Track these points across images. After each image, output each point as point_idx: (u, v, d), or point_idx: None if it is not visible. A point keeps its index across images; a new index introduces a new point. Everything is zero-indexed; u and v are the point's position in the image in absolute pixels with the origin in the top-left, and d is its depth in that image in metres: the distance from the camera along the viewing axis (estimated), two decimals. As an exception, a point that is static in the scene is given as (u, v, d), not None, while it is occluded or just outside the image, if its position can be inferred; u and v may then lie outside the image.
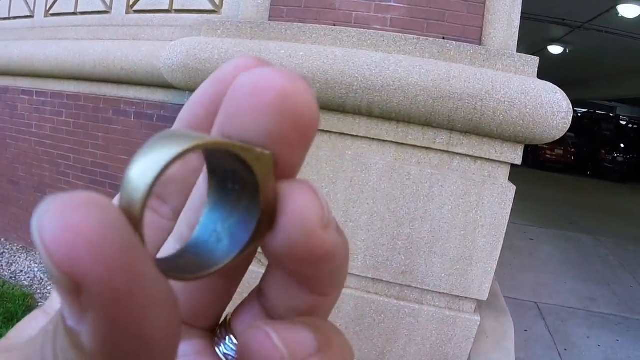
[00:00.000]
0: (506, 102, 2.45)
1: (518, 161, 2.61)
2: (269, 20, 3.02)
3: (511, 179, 2.69)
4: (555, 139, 2.58)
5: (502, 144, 2.57)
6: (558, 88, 2.56)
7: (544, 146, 16.77)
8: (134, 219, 0.15)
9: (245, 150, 0.18)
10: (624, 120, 26.86)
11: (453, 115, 2.47)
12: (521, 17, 2.86)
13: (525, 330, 3.64)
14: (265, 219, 0.18)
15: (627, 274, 5.51)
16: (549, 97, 2.49)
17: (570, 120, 2.54)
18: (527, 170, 15.62)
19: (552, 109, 2.47)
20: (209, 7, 3.38)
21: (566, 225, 7.65)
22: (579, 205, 10.07)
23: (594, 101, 22.63)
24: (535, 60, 2.65)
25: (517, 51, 2.81)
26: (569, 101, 2.54)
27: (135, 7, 3.78)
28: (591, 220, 8.31)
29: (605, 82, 17.06)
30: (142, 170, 0.17)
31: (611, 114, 25.94)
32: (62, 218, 0.13)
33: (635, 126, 26.54)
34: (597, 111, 25.77)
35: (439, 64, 2.52)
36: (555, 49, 13.50)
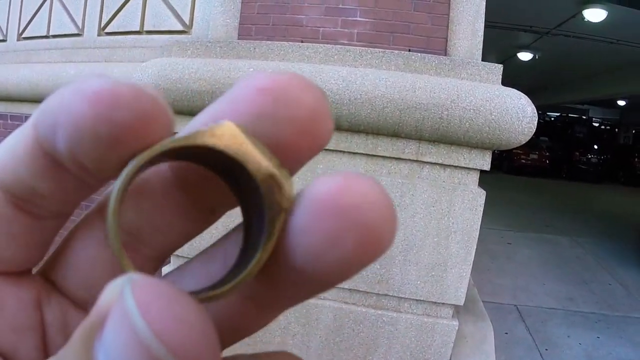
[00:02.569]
0: (472, 110, 2.51)
1: (487, 167, 2.67)
2: (238, 39, 3.06)
3: (487, 185, 2.75)
4: (522, 143, 2.64)
5: (470, 151, 2.63)
6: (522, 94, 2.62)
7: (519, 151, 17.14)
8: None
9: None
10: (596, 122, 27.48)
11: (420, 125, 2.52)
12: (490, 25, 2.95)
13: (506, 333, 3.69)
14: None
15: (605, 272, 5.61)
16: (514, 103, 2.55)
17: (536, 124, 2.60)
18: (503, 176, 15.90)
19: (517, 115, 2.53)
20: (179, 27, 3.41)
21: (543, 227, 7.78)
22: (555, 207, 10.26)
23: (567, 105, 23.06)
24: (499, 68, 2.72)
25: (488, 59, 2.88)
26: (533, 106, 2.61)
27: (107, 29, 3.80)
28: (568, 222, 8.47)
29: (576, 85, 17.41)
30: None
31: (584, 117, 26.54)
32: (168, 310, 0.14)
33: (607, 127, 27.15)
34: (569, 114, 26.34)
35: (404, 76, 2.58)
36: (525, 56, 13.77)
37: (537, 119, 2.63)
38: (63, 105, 0.16)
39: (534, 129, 2.61)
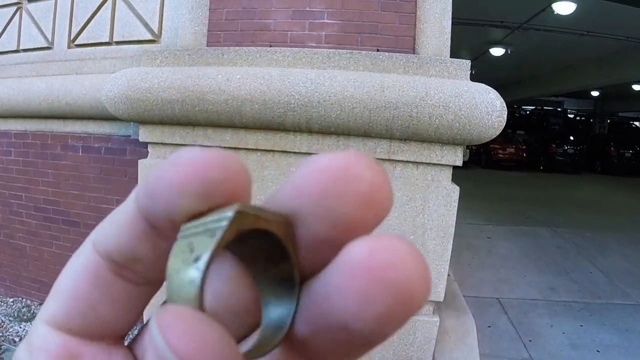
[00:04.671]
0: (441, 107, 2.52)
1: (459, 163, 2.68)
2: (207, 45, 3.05)
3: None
4: (493, 137, 2.66)
5: (441, 148, 2.65)
6: (491, 88, 2.64)
7: (496, 146, 17.43)
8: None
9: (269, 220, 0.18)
10: (571, 114, 27.86)
11: (390, 124, 2.54)
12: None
13: (489, 327, 3.71)
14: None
15: (585, 260, 5.67)
16: (483, 98, 2.57)
17: (505, 118, 2.62)
18: (481, 171, 16.09)
19: (486, 109, 2.55)
20: (149, 36, 3.39)
21: (522, 220, 7.86)
22: (534, 199, 10.38)
23: (542, 98, 23.32)
24: (467, 64, 2.74)
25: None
26: (502, 100, 2.63)
27: (77, 42, 3.77)
28: (547, 213, 8.56)
29: (550, 78, 17.64)
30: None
31: (559, 109, 26.90)
32: (187, 333, 0.16)
33: (582, 118, 27.55)
34: (545, 107, 26.69)
35: (372, 76, 2.59)
36: (497, 51, 13.87)
37: (506, 113, 2.65)
38: (161, 173, 0.19)
39: (504, 123, 2.63)
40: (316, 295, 0.18)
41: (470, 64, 2.76)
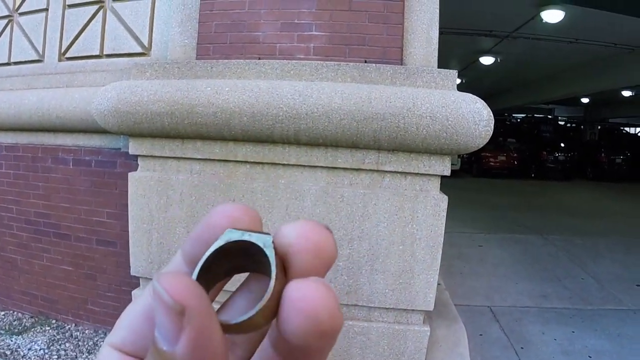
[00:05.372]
0: (428, 117, 2.54)
1: (447, 172, 2.70)
2: (197, 58, 3.07)
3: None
4: (480, 146, 2.68)
5: (429, 158, 2.66)
6: (478, 98, 2.66)
7: (487, 154, 17.53)
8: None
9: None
10: (562, 121, 28.04)
11: (378, 135, 2.55)
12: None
13: (481, 335, 3.72)
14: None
15: (577, 267, 5.70)
16: (470, 108, 2.59)
17: (492, 127, 2.64)
18: (473, 179, 16.15)
19: (473, 119, 2.57)
20: (139, 50, 3.41)
21: (514, 228, 7.89)
22: (526, 207, 10.43)
23: (532, 105, 23.41)
24: (453, 74, 2.76)
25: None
26: (489, 109, 2.66)
27: (68, 54, 3.78)
28: (538, 220, 8.61)
29: (540, 85, 17.66)
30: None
31: (549, 116, 27.08)
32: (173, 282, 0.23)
33: (573, 125, 27.75)
34: (535, 115, 26.86)
35: (360, 87, 2.61)
36: (486, 60, 13.93)
37: (493, 122, 2.67)
38: (197, 228, 0.28)
39: (491, 132, 2.65)
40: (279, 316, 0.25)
41: (457, 74, 2.78)
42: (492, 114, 2.64)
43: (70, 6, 3.82)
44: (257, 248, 0.26)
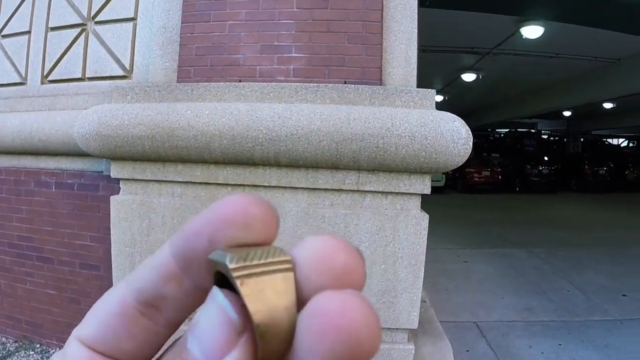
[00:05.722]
0: (407, 137, 2.57)
1: (427, 191, 2.72)
2: (178, 81, 3.09)
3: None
4: (460, 164, 2.70)
5: (409, 177, 2.68)
6: (456, 116, 2.69)
7: (472, 170, 17.69)
8: None
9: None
10: (545, 134, 28.35)
11: (358, 156, 2.57)
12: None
13: (467, 351, 3.72)
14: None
15: (562, 279, 5.74)
16: (448, 126, 2.61)
17: (471, 145, 2.67)
18: (458, 195, 16.29)
19: (452, 137, 2.60)
20: (120, 72, 3.42)
21: (499, 242, 7.95)
22: (510, 221, 10.52)
23: (515, 120, 23.57)
24: (432, 93, 2.79)
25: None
26: (467, 128, 2.68)
27: (50, 77, 3.79)
28: (523, 234, 8.68)
29: (523, 100, 17.76)
30: None
31: (532, 130, 27.34)
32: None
33: (556, 138, 28.06)
34: (519, 129, 27.13)
35: (339, 108, 2.63)
36: (468, 77, 14.04)
37: (472, 140, 2.70)
38: (206, 213, 0.24)
39: (470, 150, 2.67)
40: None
41: (435, 93, 2.82)
42: (470, 132, 2.67)
43: (53, 29, 3.83)
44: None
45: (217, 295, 0.22)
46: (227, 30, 3.05)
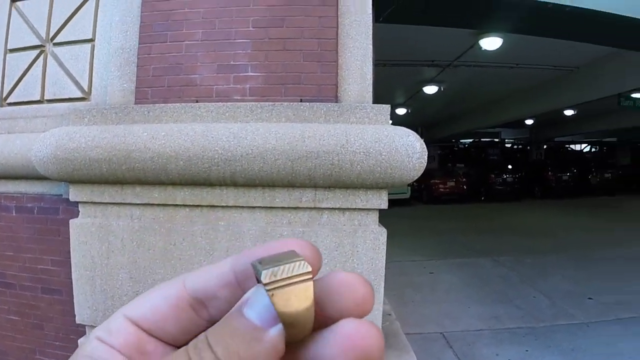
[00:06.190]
0: (362, 153, 2.59)
1: (384, 206, 2.75)
2: (136, 102, 3.08)
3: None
4: (415, 178, 2.73)
5: (365, 192, 2.71)
6: (410, 131, 2.73)
7: (437, 181, 17.89)
8: None
9: None
10: (509, 143, 28.82)
11: (313, 173, 2.59)
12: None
13: (434, 361, 3.76)
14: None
15: (528, 286, 5.82)
16: (403, 141, 2.65)
17: (426, 159, 2.71)
18: (423, 207, 16.50)
19: (406, 152, 2.63)
20: (79, 94, 3.40)
21: (464, 252, 8.04)
22: (475, 230, 10.68)
23: (479, 130, 23.80)
24: (386, 108, 2.83)
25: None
26: (422, 142, 2.72)
27: (9, 100, 3.74)
28: (488, 243, 8.81)
29: (485, 110, 17.97)
30: None
31: (496, 139, 27.75)
32: None
33: (520, 146, 28.56)
34: (482, 139, 27.51)
35: (294, 126, 2.65)
36: (430, 89, 14.16)
37: (427, 154, 2.74)
38: (257, 248, 0.33)
39: (425, 164, 2.71)
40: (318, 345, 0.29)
41: (389, 108, 2.85)
42: (425, 146, 2.71)
43: (12, 50, 3.79)
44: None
45: (262, 291, 0.29)
46: (184, 51, 3.06)
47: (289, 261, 0.30)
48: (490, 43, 8.79)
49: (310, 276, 0.30)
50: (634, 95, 12.13)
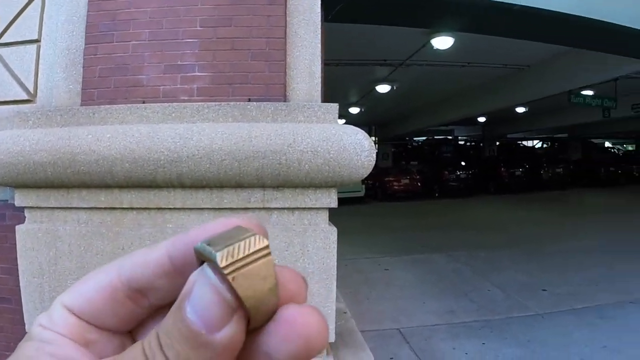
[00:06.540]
0: (309, 152, 2.59)
1: (334, 205, 2.75)
2: (82, 104, 3.02)
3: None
4: (364, 176, 2.74)
5: (315, 191, 2.71)
6: (359, 129, 2.74)
7: (391, 179, 18.13)
8: None
9: None
10: (462, 140, 29.36)
11: (261, 173, 2.58)
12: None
13: (391, 358, 3.77)
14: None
15: (482, 280, 5.92)
16: (351, 139, 2.66)
17: (375, 157, 2.72)
18: (378, 204, 16.68)
19: (355, 150, 2.64)
20: (24, 96, 3.31)
21: (419, 248, 8.14)
22: (429, 226, 10.86)
23: (433, 128, 24.13)
24: (334, 107, 2.83)
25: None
26: (370, 140, 2.74)
27: (-47, 104, 3.63)
28: (442, 239, 8.95)
29: (438, 108, 18.12)
30: None
31: (449, 137, 28.23)
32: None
33: (473, 143, 29.14)
34: (436, 136, 27.96)
35: (241, 126, 2.63)
36: (383, 88, 14.20)
37: (376, 152, 2.76)
38: (197, 230, 0.30)
39: (374, 162, 2.73)
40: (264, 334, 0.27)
41: (337, 107, 2.85)
42: (373, 144, 2.73)
43: (-44, 53, 3.68)
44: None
45: (209, 275, 0.26)
46: (130, 51, 3.01)
47: (242, 237, 0.27)
48: (442, 42, 8.87)
49: (269, 250, 0.27)
50: (584, 92, 12.46)
